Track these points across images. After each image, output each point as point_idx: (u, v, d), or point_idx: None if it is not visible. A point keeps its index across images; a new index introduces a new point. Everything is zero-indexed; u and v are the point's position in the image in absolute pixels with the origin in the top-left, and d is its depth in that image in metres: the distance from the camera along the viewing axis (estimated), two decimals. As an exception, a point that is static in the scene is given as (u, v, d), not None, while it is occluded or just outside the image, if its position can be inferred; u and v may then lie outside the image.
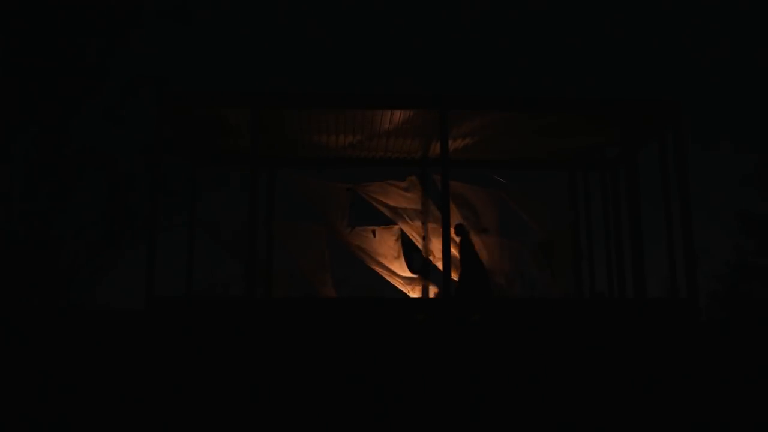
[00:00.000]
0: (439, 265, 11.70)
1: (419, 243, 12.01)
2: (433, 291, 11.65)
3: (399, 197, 11.93)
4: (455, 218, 11.58)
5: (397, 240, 12.00)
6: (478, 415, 7.23)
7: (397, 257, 11.93)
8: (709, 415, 7.32)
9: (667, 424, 7.24)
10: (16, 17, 10.19)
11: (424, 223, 11.95)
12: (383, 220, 12.12)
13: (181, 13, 10.83)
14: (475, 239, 11.82)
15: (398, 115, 10.51)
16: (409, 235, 12.03)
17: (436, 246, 11.66)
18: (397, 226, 12.02)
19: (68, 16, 10.40)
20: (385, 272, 11.95)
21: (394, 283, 11.93)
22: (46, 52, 10.51)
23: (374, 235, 11.87)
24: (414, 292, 11.86)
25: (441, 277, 10.45)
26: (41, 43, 10.44)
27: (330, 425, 7.09)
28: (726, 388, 7.58)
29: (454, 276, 11.11)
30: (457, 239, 11.36)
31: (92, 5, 10.62)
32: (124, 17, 10.61)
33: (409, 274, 11.92)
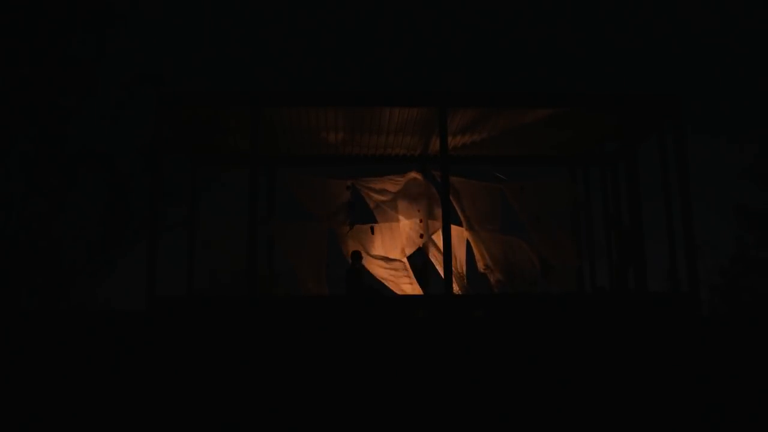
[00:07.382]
0: (435, 262, 11.67)
1: (419, 241, 11.93)
2: None
3: (397, 189, 11.84)
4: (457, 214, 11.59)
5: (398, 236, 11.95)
6: (482, 409, 7.23)
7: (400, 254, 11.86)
8: (711, 406, 7.33)
9: (670, 415, 7.25)
10: (10, 15, 10.16)
11: (423, 220, 11.88)
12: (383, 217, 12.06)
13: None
14: (477, 235, 11.79)
15: (398, 113, 10.49)
16: (405, 234, 11.97)
17: (435, 244, 11.62)
18: (396, 224, 11.99)
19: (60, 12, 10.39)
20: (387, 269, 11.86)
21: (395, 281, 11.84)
22: (44, 51, 10.48)
23: (372, 232, 11.83)
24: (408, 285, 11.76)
25: (441, 277, 10.43)
26: (38, 42, 10.41)
27: (331, 422, 7.09)
28: (728, 379, 7.58)
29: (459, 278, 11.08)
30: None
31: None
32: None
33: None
